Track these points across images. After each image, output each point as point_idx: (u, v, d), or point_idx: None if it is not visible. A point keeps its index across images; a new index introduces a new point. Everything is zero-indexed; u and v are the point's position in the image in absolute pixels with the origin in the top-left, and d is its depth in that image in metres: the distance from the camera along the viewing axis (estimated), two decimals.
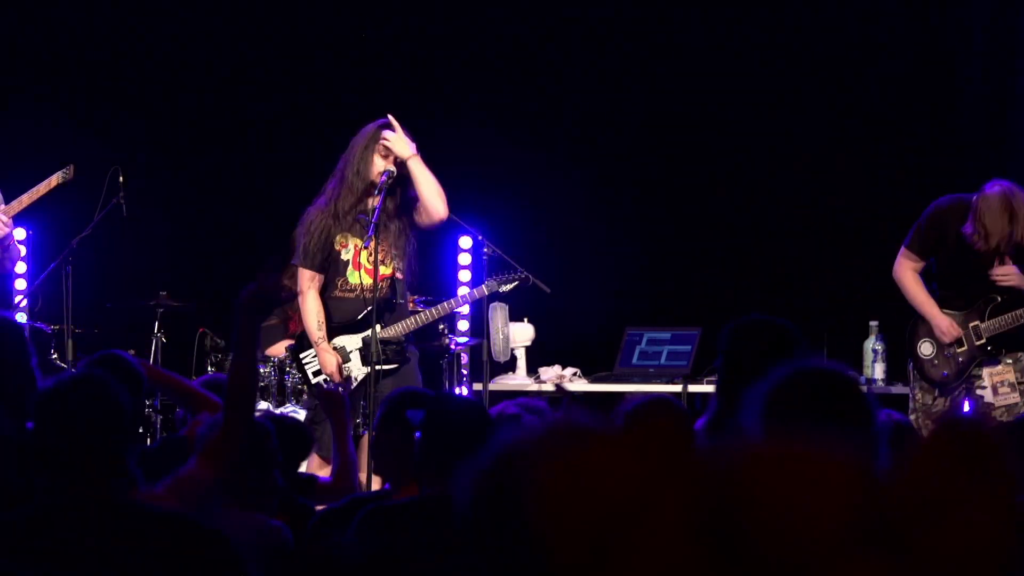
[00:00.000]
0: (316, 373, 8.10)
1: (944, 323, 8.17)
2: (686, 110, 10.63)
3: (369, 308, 7.85)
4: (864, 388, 3.08)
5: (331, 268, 7.97)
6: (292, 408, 8.83)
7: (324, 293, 8.04)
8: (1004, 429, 3.82)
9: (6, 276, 8.59)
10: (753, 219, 10.57)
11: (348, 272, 7.98)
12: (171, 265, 10.33)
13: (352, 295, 7.97)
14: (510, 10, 10.66)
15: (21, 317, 8.62)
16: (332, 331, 8.03)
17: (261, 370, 8.98)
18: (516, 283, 8.22)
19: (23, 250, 8.85)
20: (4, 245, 8.19)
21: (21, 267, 8.79)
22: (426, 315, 8.13)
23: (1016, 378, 8.13)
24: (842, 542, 1.58)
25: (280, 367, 9.06)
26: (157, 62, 10.54)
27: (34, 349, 4.56)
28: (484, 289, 8.22)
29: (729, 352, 4.57)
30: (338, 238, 7.94)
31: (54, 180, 8.42)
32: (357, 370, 8.04)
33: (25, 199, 8.32)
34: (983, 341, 8.13)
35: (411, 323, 8.04)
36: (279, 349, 9.21)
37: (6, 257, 8.29)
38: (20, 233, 8.82)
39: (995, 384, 8.09)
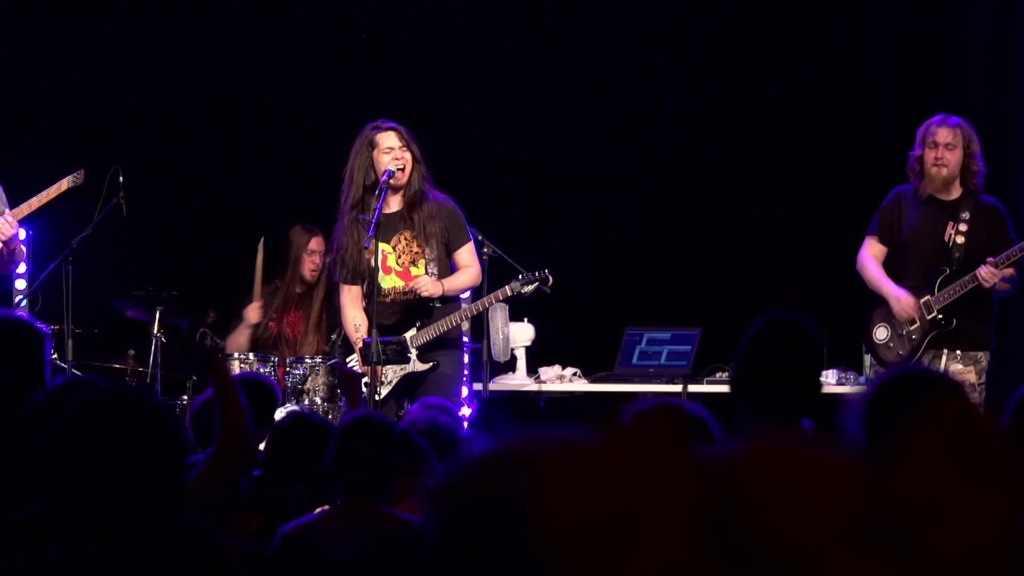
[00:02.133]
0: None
1: (903, 297, 8.23)
2: (686, 110, 10.63)
3: (412, 303, 8.06)
4: (959, 382, 3.11)
5: (366, 278, 8.08)
6: (291, 408, 8.85)
7: (365, 301, 8.21)
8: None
9: (7, 276, 8.60)
10: (753, 219, 10.56)
11: (380, 278, 8.05)
12: (171, 265, 10.33)
13: (387, 299, 8.09)
14: (512, 8, 10.66)
15: (24, 318, 8.62)
16: (383, 330, 8.17)
17: (261, 370, 9.00)
18: (537, 283, 8.29)
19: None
20: (11, 248, 8.19)
21: (21, 267, 8.79)
22: (458, 316, 8.21)
23: (975, 380, 8.15)
24: (842, 542, 1.58)
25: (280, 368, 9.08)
26: (157, 62, 10.54)
27: (48, 356, 4.54)
28: (508, 291, 8.27)
29: (749, 354, 4.53)
30: (366, 251, 8.02)
31: (64, 184, 8.43)
32: (391, 373, 8.14)
33: (35, 202, 8.32)
34: (934, 314, 8.16)
35: (443, 325, 8.12)
36: (234, 345, 9.27)
37: (11, 260, 8.29)
38: (20, 233, 8.82)
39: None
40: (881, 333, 8.34)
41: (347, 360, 8.37)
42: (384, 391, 8.16)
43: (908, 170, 8.34)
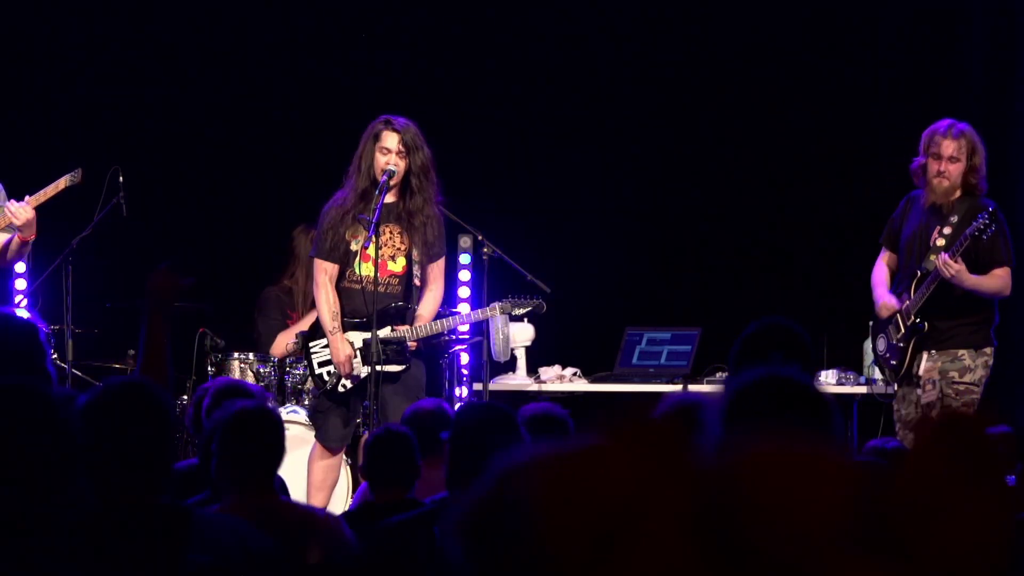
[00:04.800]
0: (322, 364, 8.15)
1: (882, 300, 8.25)
2: (686, 110, 10.63)
3: (390, 304, 8.00)
4: (825, 396, 3.12)
5: (343, 258, 8.06)
6: (292, 408, 8.85)
7: (336, 283, 8.12)
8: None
9: (7, 275, 8.58)
10: (753, 219, 10.57)
11: (356, 263, 8.03)
12: (171, 265, 10.31)
13: (358, 286, 8.02)
14: (512, 8, 10.66)
15: (22, 315, 8.62)
16: (343, 324, 8.10)
17: (261, 370, 9.00)
18: (530, 308, 8.26)
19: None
20: (25, 237, 8.12)
21: (20, 267, 8.79)
22: (436, 325, 8.13)
23: (953, 377, 8.10)
24: (838, 542, 1.58)
25: (280, 366, 9.07)
26: (157, 62, 10.54)
27: (48, 349, 4.55)
28: (497, 309, 8.24)
29: (742, 358, 4.54)
30: (350, 230, 8.01)
31: (62, 183, 8.38)
32: (359, 369, 8.07)
33: (32, 201, 8.27)
34: (912, 319, 8.14)
35: (417, 331, 8.05)
36: (280, 348, 9.22)
37: (19, 252, 8.25)
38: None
39: (924, 380, 8.13)
40: (880, 345, 8.35)
41: (311, 345, 8.26)
42: (348, 384, 8.12)
43: (911, 174, 8.30)
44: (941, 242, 8.11)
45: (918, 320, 8.11)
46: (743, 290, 10.30)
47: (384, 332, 7.97)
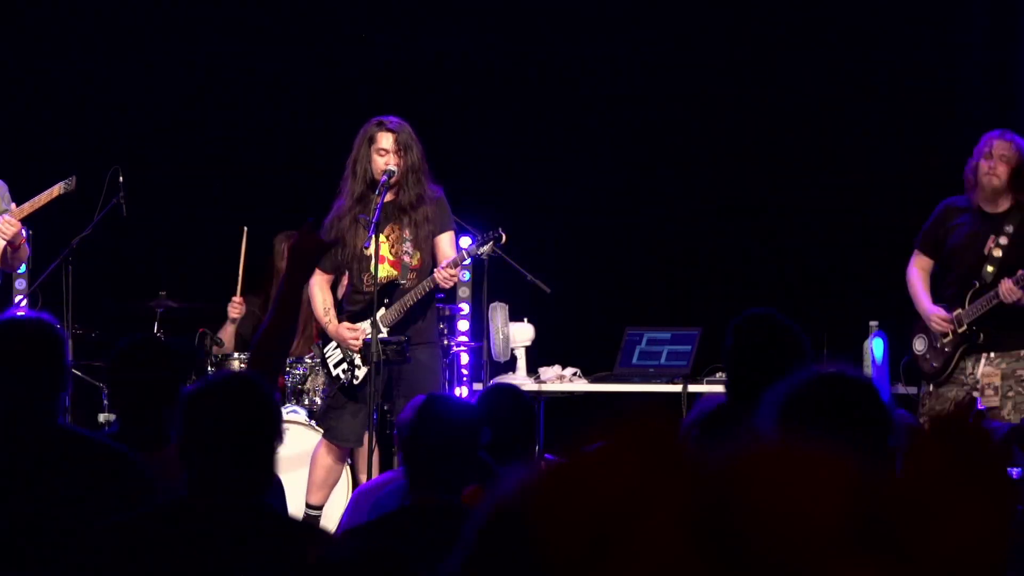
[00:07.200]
0: (336, 364, 8.19)
1: (935, 313, 8.28)
2: (686, 110, 10.63)
3: (394, 297, 8.05)
4: (883, 398, 3.09)
5: (357, 265, 8.05)
6: (292, 408, 8.87)
7: (354, 290, 8.17)
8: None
9: (8, 275, 8.58)
10: (753, 219, 10.57)
11: (372, 267, 8.02)
12: (171, 265, 10.33)
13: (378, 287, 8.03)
14: (512, 8, 10.66)
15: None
16: (357, 316, 8.11)
17: None
18: (491, 242, 8.14)
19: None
20: (15, 245, 8.15)
21: (20, 267, 8.79)
22: (424, 286, 8.04)
23: (1022, 375, 8.15)
24: (837, 543, 1.58)
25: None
26: (157, 61, 10.54)
27: (69, 357, 4.55)
28: (464, 254, 8.14)
29: (734, 347, 4.58)
30: (359, 237, 8.00)
31: (56, 190, 8.37)
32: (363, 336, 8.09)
33: (27, 207, 8.25)
34: (964, 328, 8.20)
35: (410, 299, 8.03)
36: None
37: (15, 257, 8.26)
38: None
39: (983, 385, 8.20)
40: (918, 345, 8.44)
41: (325, 349, 8.30)
42: (361, 374, 8.14)
43: (965, 180, 8.36)
44: (998, 252, 8.18)
45: (973, 329, 8.20)
46: (743, 290, 10.29)
47: (380, 312, 8.00)
